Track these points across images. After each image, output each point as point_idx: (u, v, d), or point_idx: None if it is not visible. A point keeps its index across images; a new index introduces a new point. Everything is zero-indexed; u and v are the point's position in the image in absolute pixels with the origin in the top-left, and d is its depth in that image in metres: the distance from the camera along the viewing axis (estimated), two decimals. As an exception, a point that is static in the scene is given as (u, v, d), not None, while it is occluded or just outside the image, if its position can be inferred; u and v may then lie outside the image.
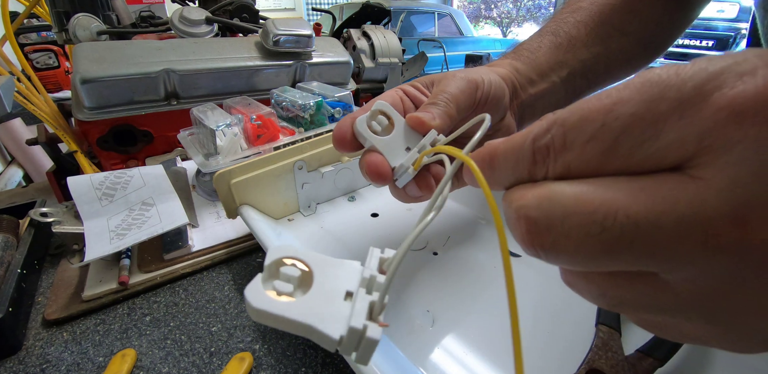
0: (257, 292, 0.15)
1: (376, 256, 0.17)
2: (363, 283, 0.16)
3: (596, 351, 0.22)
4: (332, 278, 0.16)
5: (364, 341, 0.15)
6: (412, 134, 0.23)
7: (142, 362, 0.29)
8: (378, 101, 0.23)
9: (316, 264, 0.16)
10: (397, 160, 0.22)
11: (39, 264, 0.40)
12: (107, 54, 0.46)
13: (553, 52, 0.32)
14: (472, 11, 7.88)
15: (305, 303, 0.15)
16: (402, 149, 0.23)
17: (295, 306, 0.15)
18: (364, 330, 0.15)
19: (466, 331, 0.27)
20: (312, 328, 0.14)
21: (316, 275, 0.16)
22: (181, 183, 0.47)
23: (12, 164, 1.43)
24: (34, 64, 1.36)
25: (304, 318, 0.15)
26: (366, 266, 0.17)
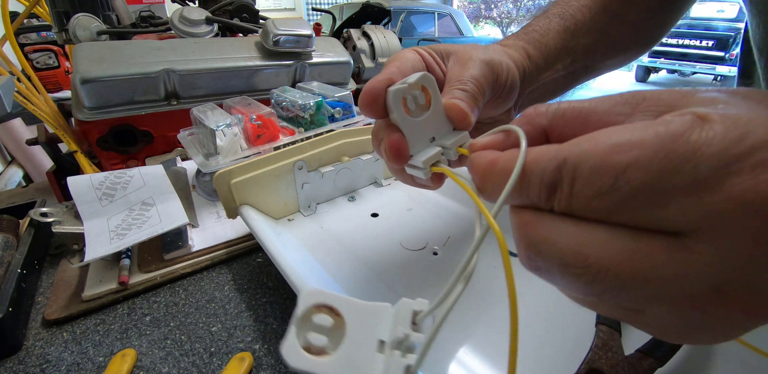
0: (294, 351, 0.15)
1: (407, 309, 0.17)
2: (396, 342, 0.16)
3: (596, 351, 0.22)
4: (364, 326, 0.16)
5: None
6: (442, 122, 0.21)
7: (142, 362, 0.29)
8: (424, 73, 0.20)
9: (347, 311, 0.16)
10: (418, 148, 0.20)
11: (39, 264, 0.40)
12: (107, 54, 0.46)
13: (561, 36, 0.32)
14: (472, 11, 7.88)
15: (340, 359, 0.15)
16: (427, 137, 0.20)
17: (331, 364, 0.15)
18: None
19: (466, 331, 0.27)
20: None
21: (348, 325, 0.16)
22: (181, 183, 0.47)
23: (12, 164, 1.43)
24: (34, 64, 1.36)
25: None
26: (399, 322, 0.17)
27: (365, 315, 0.17)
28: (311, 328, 0.16)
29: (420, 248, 0.36)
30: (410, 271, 0.33)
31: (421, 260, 0.34)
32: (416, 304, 0.17)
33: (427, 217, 0.40)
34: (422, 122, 0.20)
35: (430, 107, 0.20)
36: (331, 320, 0.16)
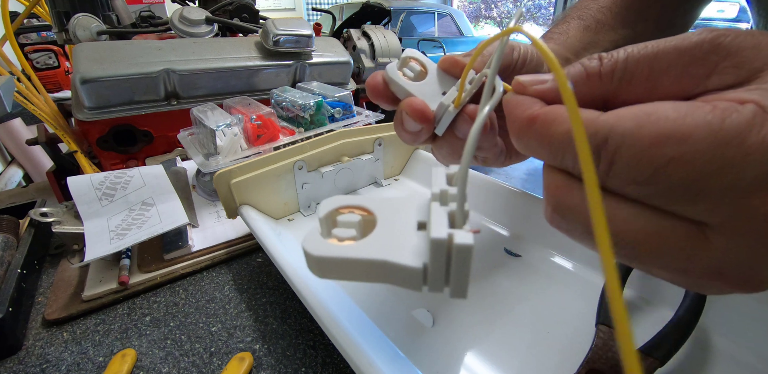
0: (316, 241, 0.13)
1: (441, 173, 0.15)
2: (434, 199, 0.14)
3: (596, 351, 0.22)
4: (398, 215, 0.14)
5: (454, 255, 0.12)
6: (447, 80, 0.22)
7: (142, 362, 0.29)
8: (407, 49, 0.22)
9: (377, 206, 0.14)
10: (435, 104, 0.21)
11: (39, 264, 0.40)
12: (107, 54, 0.46)
13: (583, 33, 0.32)
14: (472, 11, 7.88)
15: (373, 240, 0.13)
16: (438, 94, 0.21)
17: (363, 245, 0.13)
18: (451, 240, 0.12)
19: (466, 331, 0.27)
20: (388, 263, 0.12)
21: (379, 216, 0.14)
22: (181, 183, 0.47)
23: (12, 164, 1.43)
24: (34, 64, 1.36)
25: (376, 254, 0.12)
26: (434, 184, 0.14)
27: (398, 205, 0.15)
28: (337, 225, 0.14)
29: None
30: (410, 271, 0.33)
31: (421, 260, 0.34)
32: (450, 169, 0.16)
33: (427, 217, 0.40)
34: (426, 84, 0.21)
35: (428, 72, 0.22)
36: (359, 216, 0.14)
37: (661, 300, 0.28)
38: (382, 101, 0.23)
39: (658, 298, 0.28)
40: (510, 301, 0.29)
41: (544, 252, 0.34)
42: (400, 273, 0.12)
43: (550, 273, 0.32)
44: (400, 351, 0.25)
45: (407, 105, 0.21)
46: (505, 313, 0.28)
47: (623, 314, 0.10)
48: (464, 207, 0.13)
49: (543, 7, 6.91)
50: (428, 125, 0.21)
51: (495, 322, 0.28)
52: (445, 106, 0.20)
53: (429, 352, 0.25)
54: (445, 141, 0.22)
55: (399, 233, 0.13)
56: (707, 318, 0.25)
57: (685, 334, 0.22)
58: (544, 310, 0.28)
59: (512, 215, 0.38)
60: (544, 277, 0.31)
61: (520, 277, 0.32)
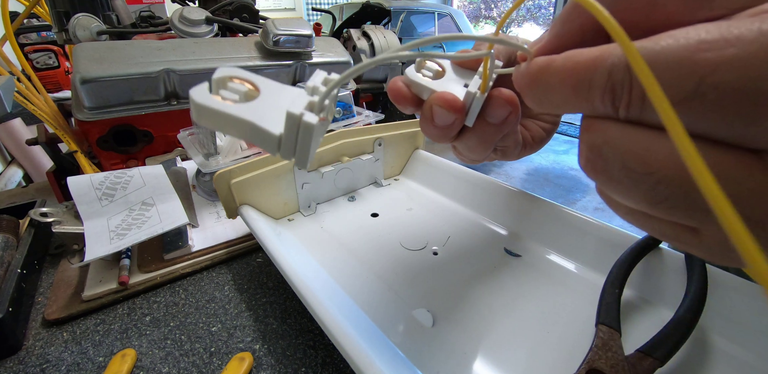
0: (202, 92, 0.15)
1: (320, 75, 0.17)
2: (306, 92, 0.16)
3: (596, 351, 0.22)
4: (278, 97, 0.16)
5: (301, 130, 0.15)
6: (465, 73, 0.22)
7: (142, 362, 0.29)
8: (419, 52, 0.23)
9: (264, 85, 0.17)
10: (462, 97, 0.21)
11: (39, 264, 0.40)
12: (107, 54, 0.46)
13: None
14: (472, 11, 7.88)
15: (249, 106, 0.15)
16: (461, 87, 0.22)
17: (238, 106, 0.15)
18: (300, 117, 0.14)
19: (466, 331, 0.27)
20: (252, 125, 0.15)
21: (263, 92, 0.16)
22: (181, 183, 0.47)
23: (12, 164, 1.43)
24: (34, 64, 1.36)
25: (246, 115, 0.15)
26: (310, 80, 0.17)
27: (281, 91, 0.17)
28: (225, 88, 0.16)
29: (420, 248, 0.36)
30: (410, 271, 0.33)
31: (421, 260, 0.34)
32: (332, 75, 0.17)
33: (427, 217, 0.40)
34: (446, 80, 0.22)
35: (445, 70, 0.22)
36: (246, 88, 0.16)
37: (661, 300, 0.28)
38: (406, 105, 0.22)
39: (658, 298, 0.28)
40: (510, 301, 0.29)
41: (544, 252, 0.34)
42: (261, 136, 0.15)
43: (550, 273, 0.32)
44: (400, 351, 0.25)
45: (438, 98, 0.21)
46: (505, 313, 0.28)
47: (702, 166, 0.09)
48: (325, 102, 0.16)
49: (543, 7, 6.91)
50: (461, 115, 0.21)
51: (495, 322, 0.28)
52: (472, 94, 0.21)
53: (429, 352, 0.25)
54: (475, 132, 0.22)
55: (272, 108, 0.16)
56: (707, 318, 0.25)
57: (685, 334, 0.22)
58: (544, 310, 0.28)
59: (512, 215, 0.38)
60: (544, 277, 0.31)
61: (520, 277, 0.32)
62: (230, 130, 0.15)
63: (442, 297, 0.30)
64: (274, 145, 0.15)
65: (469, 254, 0.34)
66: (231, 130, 0.15)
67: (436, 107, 0.21)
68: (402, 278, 0.32)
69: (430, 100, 0.21)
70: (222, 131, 0.15)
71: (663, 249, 0.29)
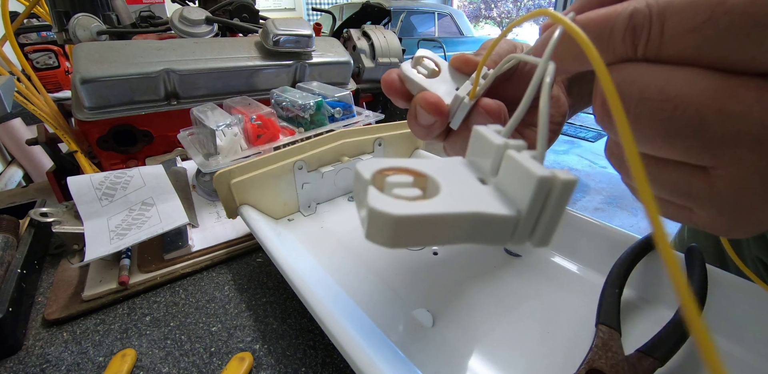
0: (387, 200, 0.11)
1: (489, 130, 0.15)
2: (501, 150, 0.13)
3: (596, 351, 0.22)
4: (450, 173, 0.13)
5: (556, 194, 0.12)
6: (459, 77, 0.23)
7: (142, 362, 0.29)
8: (419, 50, 0.23)
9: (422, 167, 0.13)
10: (449, 100, 0.21)
11: (39, 264, 0.40)
12: (107, 54, 0.46)
13: None
14: (472, 11, 7.88)
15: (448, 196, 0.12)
16: (452, 90, 0.22)
17: (441, 202, 0.11)
18: (555, 176, 0.11)
19: (466, 331, 0.27)
20: (480, 215, 0.11)
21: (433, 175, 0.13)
22: (181, 183, 0.47)
23: (12, 164, 1.43)
24: (34, 64, 1.36)
25: (463, 207, 0.11)
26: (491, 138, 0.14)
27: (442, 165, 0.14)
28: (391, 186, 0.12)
29: (420, 248, 0.36)
30: (410, 271, 0.33)
31: (421, 260, 0.34)
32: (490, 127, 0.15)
33: (427, 217, 0.40)
34: (440, 80, 0.22)
35: (440, 70, 0.23)
36: (410, 177, 0.13)
37: (661, 300, 0.28)
38: (397, 98, 0.23)
39: (658, 298, 0.28)
40: (510, 301, 0.29)
41: (545, 252, 0.34)
42: (492, 225, 0.12)
43: (550, 273, 0.32)
44: (400, 351, 0.25)
45: (421, 98, 0.21)
46: (506, 313, 0.28)
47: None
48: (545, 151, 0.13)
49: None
50: (442, 118, 0.21)
51: (495, 322, 0.28)
52: (460, 98, 0.21)
53: (429, 352, 0.25)
54: (459, 136, 0.23)
55: (466, 189, 0.12)
56: (707, 318, 0.25)
57: (685, 334, 0.22)
58: (545, 310, 0.28)
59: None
60: (545, 277, 0.31)
61: (521, 277, 0.32)
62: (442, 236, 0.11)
63: (442, 297, 0.30)
64: (508, 231, 0.12)
65: (469, 254, 0.34)
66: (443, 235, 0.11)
67: (419, 107, 0.21)
68: (402, 279, 0.32)
69: (416, 99, 0.22)
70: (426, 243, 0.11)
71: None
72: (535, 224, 0.12)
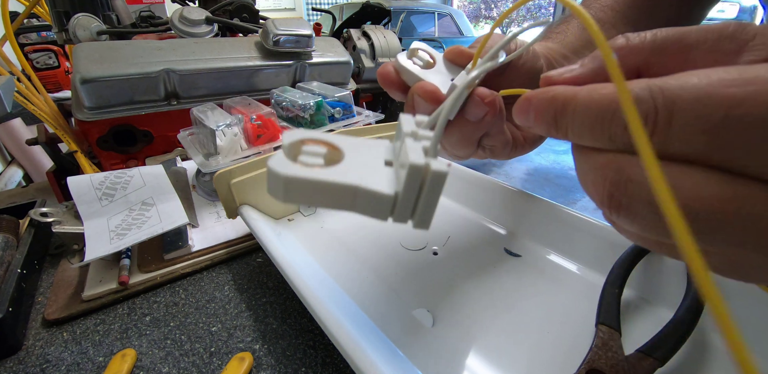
0: (284, 162, 0.12)
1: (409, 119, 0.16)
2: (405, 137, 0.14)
3: (596, 351, 0.22)
4: (364, 153, 0.14)
5: (428, 182, 0.12)
6: (454, 69, 0.23)
7: (142, 362, 0.29)
8: (414, 42, 0.23)
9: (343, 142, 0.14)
10: (445, 90, 0.22)
11: (39, 264, 0.40)
12: (107, 54, 0.46)
13: (583, 31, 0.31)
14: (472, 11, 7.88)
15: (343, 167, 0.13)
16: (447, 81, 0.22)
17: (334, 171, 0.12)
18: (428, 166, 0.12)
19: (466, 331, 0.27)
20: (360, 189, 0.12)
21: (346, 151, 0.14)
22: (181, 183, 0.47)
23: (12, 164, 1.43)
24: (34, 64, 1.36)
25: (349, 179, 0.12)
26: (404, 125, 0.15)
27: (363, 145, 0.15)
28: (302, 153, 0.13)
29: (420, 248, 0.36)
30: (410, 271, 0.33)
31: (421, 260, 0.34)
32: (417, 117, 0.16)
33: (427, 217, 0.40)
34: (436, 72, 0.22)
35: (435, 62, 0.23)
36: (324, 148, 0.14)
37: (661, 300, 0.28)
38: (393, 89, 0.23)
39: (658, 298, 0.28)
40: (510, 301, 0.29)
41: (544, 252, 0.34)
42: (370, 200, 0.12)
43: (550, 273, 0.32)
44: (400, 351, 0.25)
45: (419, 87, 0.21)
46: (506, 313, 0.28)
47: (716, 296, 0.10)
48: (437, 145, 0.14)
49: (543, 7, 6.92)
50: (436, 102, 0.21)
51: (495, 322, 0.28)
52: (456, 87, 0.21)
53: (429, 352, 0.25)
54: (455, 127, 0.23)
55: (367, 165, 0.13)
56: (707, 318, 0.25)
57: (685, 334, 0.22)
58: (544, 310, 0.28)
59: (512, 215, 0.38)
60: (544, 277, 0.31)
61: (520, 277, 0.32)
62: (326, 201, 0.13)
63: (442, 297, 0.30)
64: (386, 208, 0.13)
65: (469, 254, 0.34)
66: (328, 200, 0.13)
67: (417, 96, 0.21)
68: (402, 278, 0.32)
69: (413, 89, 0.22)
70: (316, 204, 0.13)
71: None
72: (414, 207, 0.13)
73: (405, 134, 0.14)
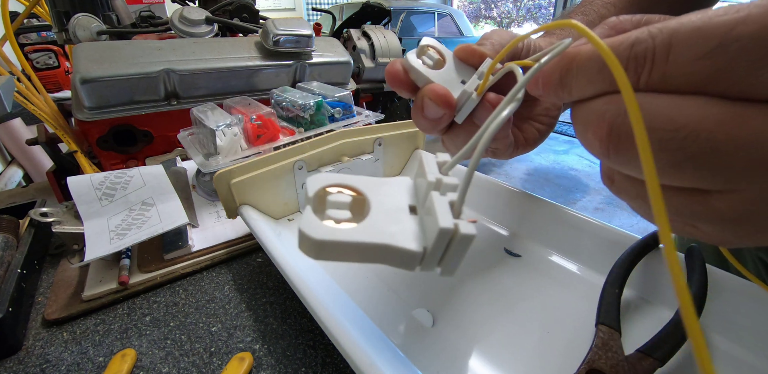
0: (314, 224, 0.13)
1: (431, 161, 0.16)
2: (430, 187, 0.14)
3: (596, 351, 0.22)
4: (387, 197, 0.15)
5: (456, 243, 0.13)
6: (464, 68, 0.22)
7: (142, 362, 0.29)
8: (424, 38, 0.23)
9: (365, 186, 0.15)
10: (455, 94, 0.21)
11: (39, 264, 0.40)
12: (107, 54, 0.46)
13: None
14: (472, 11, 7.88)
15: (371, 224, 0.13)
16: (457, 82, 0.22)
17: (362, 229, 0.13)
18: (456, 229, 0.13)
19: (466, 331, 0.27)
20: (389, 247, 0.13)
21: (370, 197, 0.14)
22: (181, 183, 0.47)
23: (12, 164, 1.43)
24: (34, 64, 1.36)
25: (378, 238, 0.13)
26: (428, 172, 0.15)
27: (384, 187, 0.15)
28: (329, 206, 0.14)
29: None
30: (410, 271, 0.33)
31: (421, 260, 0.34)
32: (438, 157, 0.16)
33: (427, 217, 0.40)
34: (445, 72, 0.22)
35: (446, 60, 0.22)
36: (349, 197, 0.14)
37: (661, 300, 0.28)
38: (401, 88, 0.23)
39: (658, 298, 0.28)
40: (510, 301, 0.29)
41: (544, 252, 0.34)
42: (400, 256, 0.13)
43: (550, 273, 0.32)
44: (400, 351, 0.25)
45: (430, 91, 0.21)
46: (506, 313, 0.28)
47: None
48: (464, 197, 0.14)
49: (543, 7, 6.92)
50: (450, 111, 0.21)
51: (495, 322, 0.28)
52: (467, 93, 0.21)
53: (429, 352, 0.25)
54: (463, 130, 0.23)
55: (393, 215, 0.14)
56: (707, 318, 0.25)
57: (685, 334, 0.22)
58: (545, 310, 0.28)
59: (512, 215, 0.38)
60: (545, 277, 0.31)
61: (521, 277, 0.32)
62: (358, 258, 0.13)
63: (442, 297, 0.30)
64: (415, 262, 0.13)
65: (469, 254, 0.34)
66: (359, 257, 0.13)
67: (428, 100, 0.21)
68: (402, 279, 0.32)
69: (424, 91, 0.21)
70: (347, 261, 0.13)
71: (663, 249, 0.29)
72: (442, 259, 0.14)
73: (429, 184, 0.14)
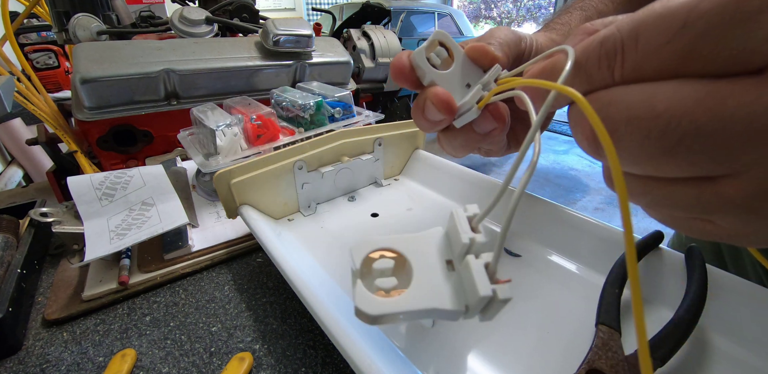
0: (367, 299, 0.15)
1: (462, 217, 0.17)
2: (464, 249, 0.16)
3: (596, 351, 0.22)
4: (425, 256, 0.16)
5: (495, 304, 0.15)
6: (472, 69, 0.22)
7: (142, 362, 0.29)
8: (436, 30, 0.22)
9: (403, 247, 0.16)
10: (457, 97, 0.21)
11: (39, 264, 0.40)
12: (107, 54, 0.46)
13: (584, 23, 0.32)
14: (472, 11, 7.88)
15: (416, 290, 0.15)
16: (462, 85, 0.21)
17: (410, 297, 0.15)
18: (495, 295, 0.15)
19: (466, 331, 0.27)
20: (436, 310, 0.15)
21: (410, 258, 0.16)
22: (181, 183, 0.47)
23: (12, 164, 1.43)
24: (34, 64, 1.36)
25: (425, 303, 0.15)
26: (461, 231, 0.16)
27: (421, 243, 0.17)
28: (375, 275, 0.16)
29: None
30: (410, 271, 0.33)
31: (421, 260, 0.34)
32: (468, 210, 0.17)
33: (427, 217, 0.40)
34: (453, 73, 0.21)
35: (454, 58, 0.22)
36: (392, 260, 0.16)
37: (661, 300, 0.28)
38: (405, 84, 0.23)
39: (658, 298, 0.28)
40: (510, 301, 0.29)
41: (544, 252, 0.34)
42: (446, 314, 0.15)
43: (550, 273, 0.32)
44: (400, 351, 0.25)
45: (433, 95, 0.21)
46: (505, 313, 0.28)
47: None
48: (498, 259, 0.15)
49: (543, 7, 6.91)
50: (450, 117, 0.21)
51: (495, 322, 0.27)
52: (469, 104, 0.21)
53: (429, 352, 0.25)
54: (462, 134, 0.23)
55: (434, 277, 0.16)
56: (707, 318, 0.25)
57: (685, 334, 0.22)
58: (544, 310, 0.28)
59: (512, 215, 0.37)
60: (544, 277, 0.31)
61: (520, 277, 0.32)
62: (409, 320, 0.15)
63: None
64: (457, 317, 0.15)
65: (469, 254, 0.34)
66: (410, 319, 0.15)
67: (429, 103, 0.21)
68: (402, 279, 0.32)
69: (428, 93, 0.21)
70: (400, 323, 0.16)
71: (663, 249, 0.29)
72: (483, 311, 0.16)
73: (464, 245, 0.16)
